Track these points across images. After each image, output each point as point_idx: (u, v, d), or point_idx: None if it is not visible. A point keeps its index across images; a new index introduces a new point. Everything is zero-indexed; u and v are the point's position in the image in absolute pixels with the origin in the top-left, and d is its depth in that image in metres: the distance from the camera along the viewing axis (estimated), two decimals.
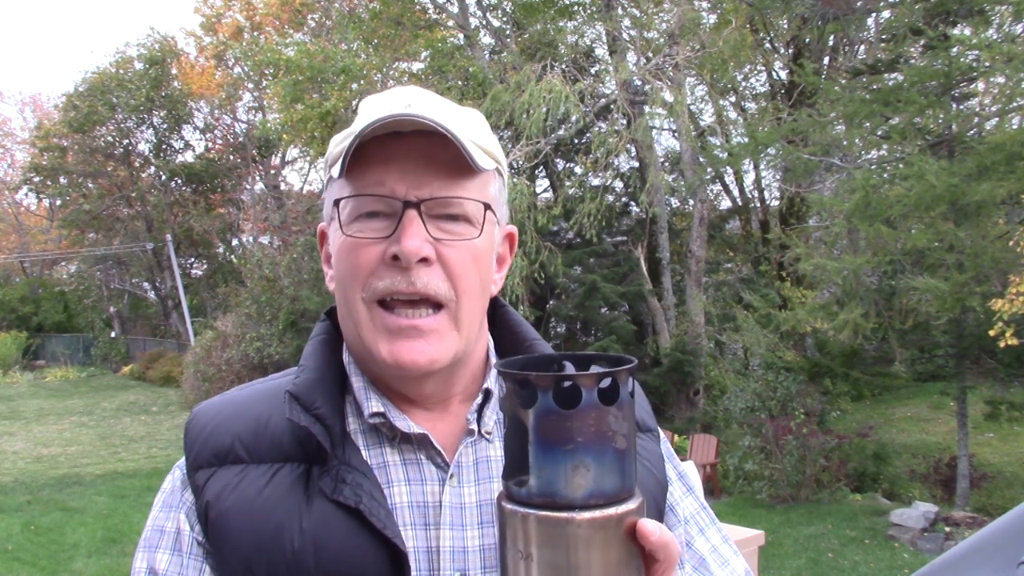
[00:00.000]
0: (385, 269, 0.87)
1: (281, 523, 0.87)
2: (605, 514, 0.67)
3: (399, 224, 0.86)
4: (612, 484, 0.67)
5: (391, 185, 0.87)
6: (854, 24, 12.28)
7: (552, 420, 0.66)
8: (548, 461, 0.66)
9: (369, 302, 0.89)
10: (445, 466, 0.92)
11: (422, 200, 0.87)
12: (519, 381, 0.68)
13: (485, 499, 0.92)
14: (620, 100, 13.20)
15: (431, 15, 17.65)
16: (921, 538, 8.30)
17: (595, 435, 0.66)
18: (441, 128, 0.84)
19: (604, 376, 0.67)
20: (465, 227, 0.89)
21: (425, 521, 0.90)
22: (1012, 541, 1.68)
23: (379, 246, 0.87)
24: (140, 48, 27.01)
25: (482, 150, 0.90)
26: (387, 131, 0.86)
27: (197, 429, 0.95)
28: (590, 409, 0.66)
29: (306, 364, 0.95)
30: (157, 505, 0.96)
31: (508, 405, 0.70)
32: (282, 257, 19.32)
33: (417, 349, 0.88)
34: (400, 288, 0.87)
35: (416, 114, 0.84)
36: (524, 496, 0.68)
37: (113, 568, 7.83)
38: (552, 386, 0.66)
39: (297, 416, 0.88)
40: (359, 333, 0.90)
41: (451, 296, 0.88)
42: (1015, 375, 9.95)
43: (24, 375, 27.14)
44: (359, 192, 0.88)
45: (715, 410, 13.30)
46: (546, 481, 0.66)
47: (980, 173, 8.53)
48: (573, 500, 0.66)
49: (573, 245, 16.12)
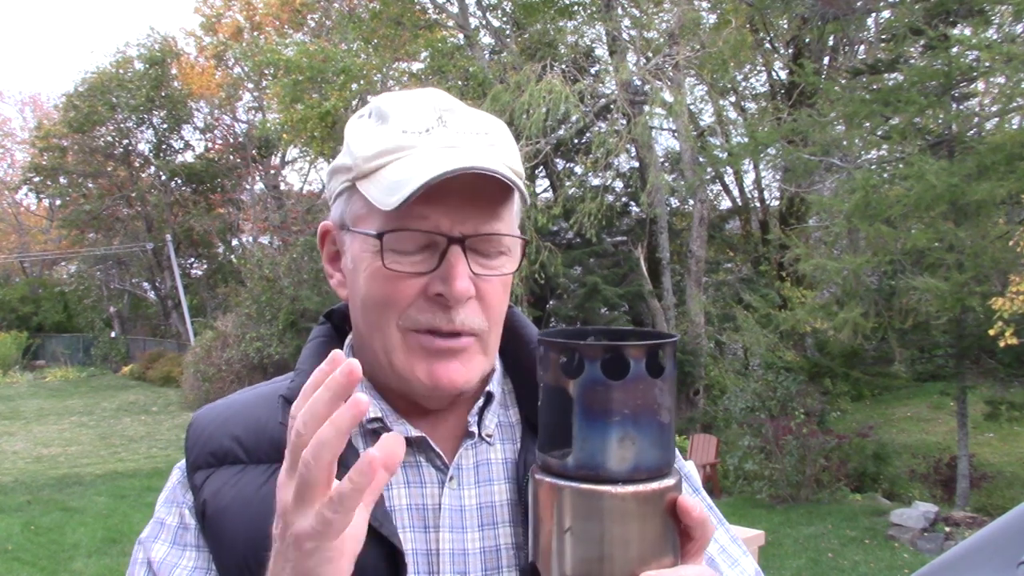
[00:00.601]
0: (426, 303, 0.86)
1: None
2: (649, 488, 0.66)
3: (443, 260, 0.85)
4: (656, 458, 0.66)
5: (436, 220, 0.85)
6: (854, 24, 12.29)
7: (599, 390, 0.65)
8: (593, 432, 0.65)
9: (405, 330, 0.88)
10: (445, 468, 0.92)
11: (466, 236, 0.86)
12: (565, 350, 0.67)
13: (485, 502, 0.92)
14: (620, 100, 13.20)
15: (431, 15, 17.65)
16: (921, 538, 8.30)
17: (641, 407, 0.65)
18: (503, 176, 0.83)
19: (652, 347, 0.66)
20: (503, 260, 0.90)
21: (424, 523, 0.89)
22: (1012, 541, 1.68)
23: (419, 280, 0.86)
24: (140, 48, 27.03)
25: (512, 171, 0.88)
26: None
27: (197, 432, 0.96)
28: (637, 380, 0.65)
29: (303, 367, 0.94)
30: (159, 503, 0.97)
31: (551, 375, 0.68)
32: (282, 257, 19.32)
33: (453, 369, 0.88)
34: (440, 326, 0.86)
35: (486, 167, 0.82)
36: (565, 469, 0.66)
37: (113, 568, 7.83)
38: (600, 356, 0.65)
39: (289, 421, 0.88)
40: (390, 358, 0.90)
41: (485, 328, 0.89)
42: (1015, 375, 9.95)
43: (24, 375, 27.14)
44: (404, 225, 0.85)
45: (715, 410, 13.30)
46: (590, 453, 0.65)
47: (980, 173, 8.53)
48: (617, 473, 0.65)
49: (573, 245, 16.13)
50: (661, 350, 0.67)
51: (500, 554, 0.90)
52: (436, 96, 0.91)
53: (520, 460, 0.94)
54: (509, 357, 1.01)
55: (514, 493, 0.93)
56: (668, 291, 15.21)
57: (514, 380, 1.01)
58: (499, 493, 0.93)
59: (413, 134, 0.86)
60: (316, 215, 24.69)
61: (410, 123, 0.87)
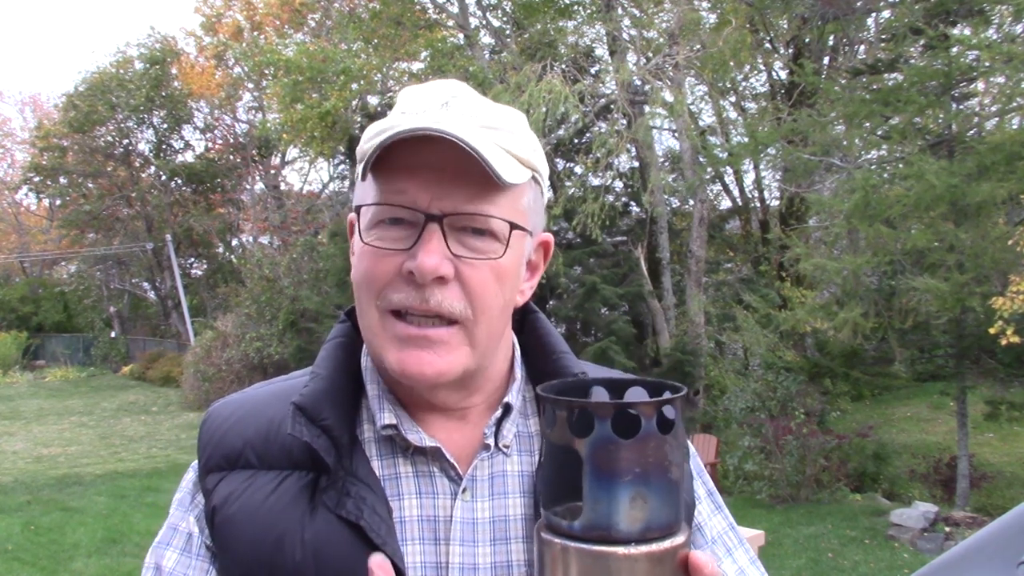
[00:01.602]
0: (401, 282, 0.84)
1: (284, 533, 0.85)
2: (662, 547, 0.65)
3: (419, 238, 0.83)
4: (667, 516, 0.65)
5: (413, 195, 0.83)
6: (854, 24, 12.29)
7: (610, 450, 0.63)
8: (604, 493, 0.64)
9: (382, 311, 0.86)
10: (458, 479, 0.89)
11: (445, 214, 0.83)
12: (574, 409, 0.65)
13: (499, 515, 0.89)
14: (620, 100, 13.20)
15: (431, 15, 17.64)
16: (921, 538, 8.30)
17: (653, 465, 0.64)
18: (466, 144, 0.79)
19: (663, 404, 0.65)
20: (490, 243, 0.85)
21: (435, 536, 0.87)
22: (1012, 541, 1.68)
23: (397, 258, 0.84)
24: (140, 48, 27.03)
25: (517, 160, 0.86)
26: (416, 136, 0.81)
27: (211, 431, 0.94)
28: (649, 438, 0.64)
29: (318, 371, 0.92)
30: (174, 504, 0.96)
31: (557, 433, 0.66)
32: (282, 257, 19.33)
33: (425, 360, 0.85)
34: (413, 304, 0.84)
35: (441, 128, 0.79)
36: (575, 530, 0.65)
37: (113, 568, 7.83)
38: (611, 414, 0.63)
39: (300, 431, 0.86)
40: (370, 339, 0.89)
41: (467, 315, 0.85)
42: (1015, 375, 9.95)
43: (24, 375, 27.13)
44: (381, 200, 0.84)
45: (715, 410, 13.29)
46: (602, 514, 0.64)
47: (980, 173, 8.53)
48: (630, 534, 0.64)
49: (573, 245, 16.11)
50: (671, 405, 0.66)
51: (512, 570, 0.88)
52: (453, 86, 0.89)
53: (538, 473, 0.92)
54: (532, 365, 0.98)
55: (530, 508, 0.90)
56: (668, 291, 15.21)
57: (535, 388, 0.97)
58: (514, 507, 0.90)
59: (410, 115, 0.85)
60: (316, 215, 24.72)
61: (411, 106, 0.86)
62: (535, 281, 0.97)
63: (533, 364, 0.98)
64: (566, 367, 0.95)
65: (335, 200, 24.21)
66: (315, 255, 18.40)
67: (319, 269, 17.79)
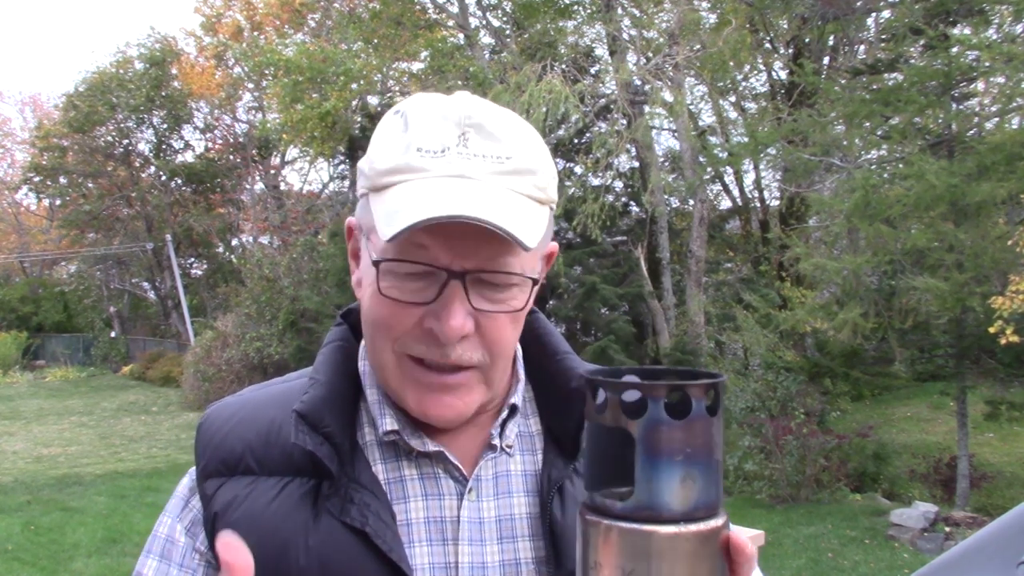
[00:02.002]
0: (421, 334, 0.84)
1: (287, 540, 0.85)
2: (709, 526, 0.66)
3: (440, 295, 0.81)
4: (713, 496, 0.67)
5: (435, 252, 0.81)
6: (854, 24, 12.29)
7: (662, 431, 0.65)
8: (656, 473, 0.65)
9: (400, 354, 0.86)
10: (463, 480, 0.90)
11: (467, 271, 0.81)
12: (626, 390, 0.67)
13: (505, 514, 0.90)
14: (620, 100, 13.20)
15: (431, 15, 17.64)
16: (921, 538, 8.30)
17: (702, 446, 0.65)
18: (501, 231, 0.76)
19: (712, 386, 0.67)
20: (512, 293, 0.85)
21: (443, 536, 0.88)
22: (1012, 541, 1.68)
23: (416, 310, 0.83)
24: (140, 48, 27.02)
25: (538, 202, 0.84)
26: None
27: (209, 434, 0.93)
28: (698, 420, 0.65)
29: (317, 377, 0.92)
30: (165, 509, 0.96)
31: (610, 416, 0.67)
32: (282, 257, 19.32)
33: (445, 403, 0.86)
34: (434, 359, 0.84)
35: (479, 218, 0.76)
36: (624, 510, 0.66)
37: (113, 568, 7.83)
38: (664, 395, 0.65)
39: (303, 440, 0.86)
40: (385, 376, 0.88)
41: (485, 361, 0.86)
42: (1015, 375, 9.95)
43: (24, 375, 27.13)
44: (401, 256, 0.82)
45: None
46: (653, 494, 0.65)
47: (980, 173, 8.53)
48: (679, 513, 0.65)
49: (573, 245, 16.11)
50: (715, 388, 0.68)
51: (520, 568, 0.89)
52: (465, 107, 0.84)
53: (543, 474, 0.92)
54: (533, 364, 0.98)
55: (535, 506, 0.91)
56: (668, 291, 15.21)
57: (536, 388, 0.98)
58: (519, 506, 0.91)
59: (427, 155, 0.81)
60: (316, 215, 24.72)
61: (427, 140, 0.82)
62: (536, 289, 0.96)
63: (534, 364, 0.98)
64: (570, 367, 0.96)
65: (335, 200, 24.20)
66: (315, 255, 18.40)
67: (319, 269, 17.79)
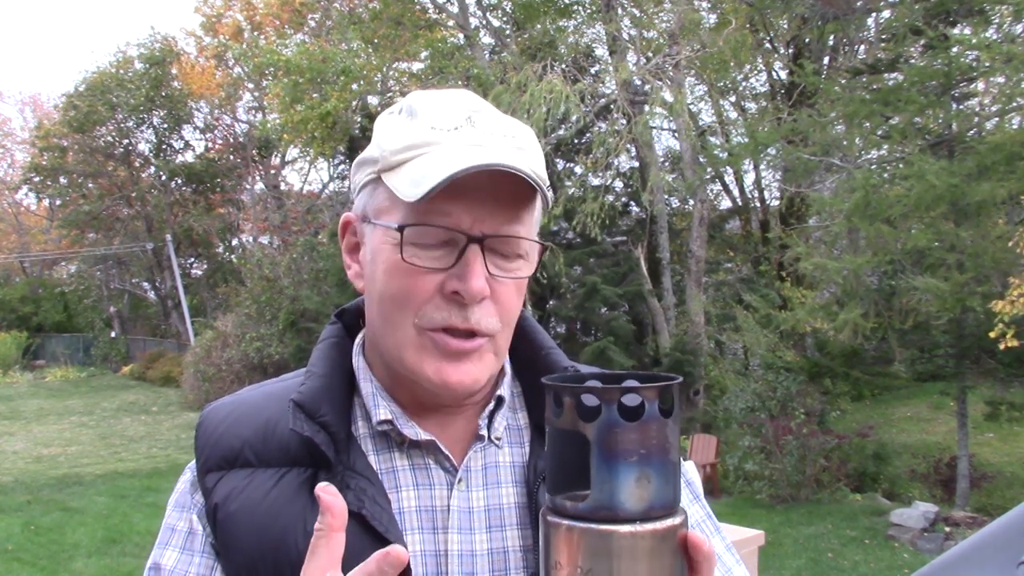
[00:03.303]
0: (443, 301, 0.87)
1: (286, 527, 0.88)
2: (665, 525, 0.67)
3: (461, 258, 0.86)
4: (669, 496, 0.68)
5: (457, 217, 0.85)
6: (854, 24, 12.28)
7: (616, 433, 0.66)
8: (612, 474, 0.66)
9: (421, 328, 0.88)
10: (453, 471, 0.93)
11: (486, 236, 0.86)
12: (581, 394, 0.68)
13: (493, 504, 0.93)
14: (620, 100, 13.20)
15: (431, 15, 17.65)
16: (921, 538, 8.30)
17: (656, 447, 0.67)
18: (527, 175, 0.83)
19: (665, 389, 0.68)
20: (520, 263, 0.90)
21: (433, 525, 0.90)
22: (1012, 541, 1.68)
23: (437, 276, 0.87)
24: (140, 48, 27.01)
25: (539, 178, 0.88)
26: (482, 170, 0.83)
27: (208, 432, 0.96)
28: (652, 421, 0.67)
29: (313, 370, 0.95)
30: (170, 505, 0.97)
31: (567, 419, 0.69)
32: (282, 257, 19.32)
33: (463, 370, 0.89)
34: (456, 324, 0.87)
35: (515, 166, 0.83)
36: (582, 511, 0.67)
37: (113, 568, 7.83)
38: (617, 399, 0.67)
39: (300, 426, 0.89)
40: (401, 354, 0.90)
41: (498, 329, 0.90)
42: (1015, 375, 9.95)
43: (24, 375, 27.14)
44: (425, 220, 0.86)
45: (715, 410, 13.30)
46: (609, 494, 0.66)
47: (980, 173, 8.53)
48: (635, 512, 0.66)
49: (573, 245, 16.12)
50: (669, 391, 0.69)
51: (508, 556, 0.91)
52: (467, 97, 0.92)
53: (530, 464, 0.95)
54: (520, 360, 1.01)
55: (522, 496, 0.94)
56: (668, 291, 15.21)
57: (523, 383, 1.01)
58: (507, 496, 0.94)
59: (442, 131, 0.87)
60: (316, 215, 24.71)
61: (439, 120, 0.88)
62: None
63: (521, 359, 1.01)
64: (556, 362, 0.99)
65: (335, 200, 24.18)
66: (315, 255, 18.40)
67: (319, 269, 17.80)
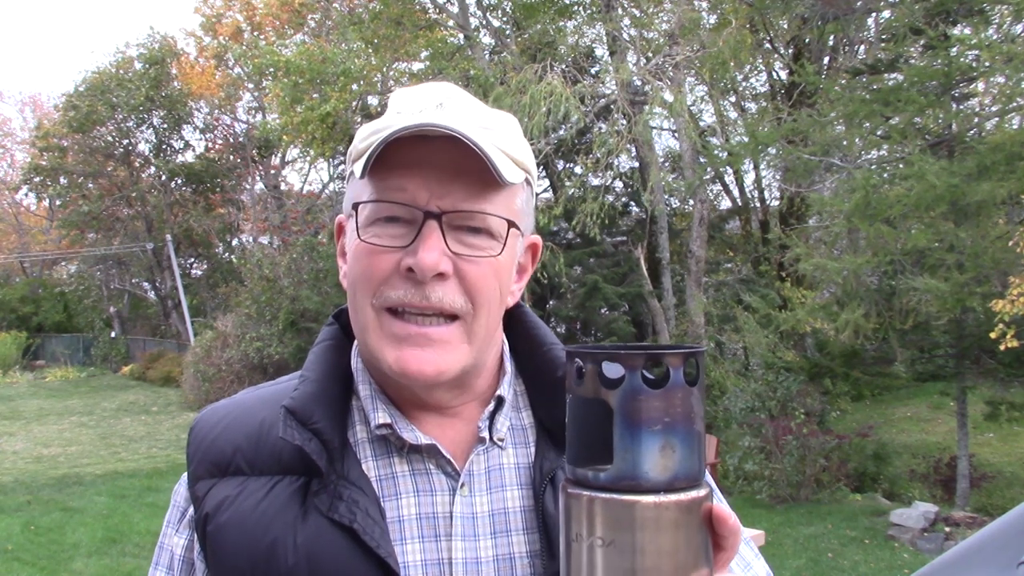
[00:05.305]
0: (399, 280, 0.84)
1: (276, 538, 0.85)
2: (690, 497, 0.65)
3: (418, 235, 0.83)
4: (694, 467, 0.65)
5: (413, 192, 0.83)
6: (854, 24, 12.28)
7: (641, 400, 0.64)
8: (635, 443, 0.64)
9: (379, 309, 0.86)
10: (455, 475, 0.89)
11: (444, 211, 0.83)
12: (603, 360, 0.65)
13: (498, 508, 0.90)
14: (620, 100, 13.20)
15: (431, 15, 17.64)
16: (921, 538, 8.30)
17: (681, 416, 0.64)
18: (470, 141, 0.80)
19: (689, 356, 0.66)
20: (487, 241, 0.86)
21: (435, 532, 0.87)
22: (1012, 541, 1.68)
23: (395, 255, 0.84)
24: (140, 48, 27.01)
25: (512, 161, 0.86)
26: (414, 134, 0.82)
27: (199, 438, 0.94)
28: (677, 389, 0.64)
29: (307, 374, 0.92)
30: (165, 520, 0.97)
31: (587, 387, 0.66)
32: (282, 257, 19.31)
33: (424, 358, 0.85)
34: (413, 302, 0.84)
35: (444, 124, 0.80)
36: (604, 481, 0.65)
37: (113, 568, 7.82)
38: (641, 365, 0.64)
39: (291, 435, 0.86)
40: (365, 338, 0.88)
41: (467, 309, 0.86)
42: (1015, 375, 9.94)
43: (24, 375, 27.12)
44: (379, 197, 0.84)
45: (715, 410, 13.28)
46: (632, 464, 0.64)
47: (980, 173, 8.52)
48: (658, 483, 0.64)
49: (573, 245, 16.12)
50: (695, 358, 0.67)
51: (514, 562, 0.88)
52: (444, 87, 0.89)
53: (536, 465, 0.92)
54: (522, 358, 0.98)
55: (528, 499, 0.90)
56: (668, 291, 15.21)
57: (527, 382, 0.98)
58: (512, 499, 0.90)
59: (405, 114, 0.85)
60: (316, 215, 24.70)
61: (406, 106, 0.87)
62: (523, 284, 0.98)
63: (523, 357, 0.98)
64: (558, 357, 0.95)
65: (335, 200, 24.20)
66: (315, 255, 18.39)
67: (319, 269, 17.78)
